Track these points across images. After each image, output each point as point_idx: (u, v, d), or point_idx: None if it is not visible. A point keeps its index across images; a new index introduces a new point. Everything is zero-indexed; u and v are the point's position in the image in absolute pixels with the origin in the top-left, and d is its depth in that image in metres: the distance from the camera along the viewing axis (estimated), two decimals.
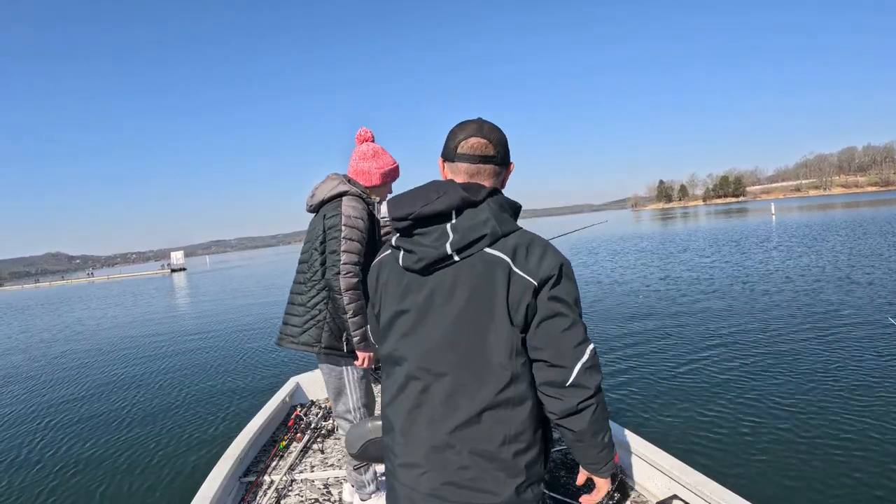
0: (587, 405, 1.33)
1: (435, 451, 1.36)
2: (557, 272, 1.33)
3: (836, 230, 26.12)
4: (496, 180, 1.49)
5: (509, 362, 1.33)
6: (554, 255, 1.36)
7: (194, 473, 5.15)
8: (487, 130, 1.46)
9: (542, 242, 1.38)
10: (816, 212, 52.46)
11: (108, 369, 11.03)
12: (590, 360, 1.33)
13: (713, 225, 45.19)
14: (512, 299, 1.31)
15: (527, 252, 1.34)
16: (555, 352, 1.32)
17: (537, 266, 1.32)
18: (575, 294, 1.37)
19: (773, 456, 4.46)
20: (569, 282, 1.36)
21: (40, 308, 34.49)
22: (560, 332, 1.32)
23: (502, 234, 1.35)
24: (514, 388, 1.34)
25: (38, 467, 5.90)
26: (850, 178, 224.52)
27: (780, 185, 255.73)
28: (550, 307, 1.32)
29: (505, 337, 1.32)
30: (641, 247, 28.68)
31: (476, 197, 1.37)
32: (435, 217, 1.37)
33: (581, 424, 1.34)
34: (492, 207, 1.37)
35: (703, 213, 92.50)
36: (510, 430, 1.34)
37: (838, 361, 6.53)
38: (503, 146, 1.49)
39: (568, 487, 3.05)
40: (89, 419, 7.50)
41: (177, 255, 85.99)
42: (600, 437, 1.38)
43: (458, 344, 1.34)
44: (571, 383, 1.31)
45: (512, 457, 1.33)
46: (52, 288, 76.07)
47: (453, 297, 1.35)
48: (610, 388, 6.36)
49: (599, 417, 1.35)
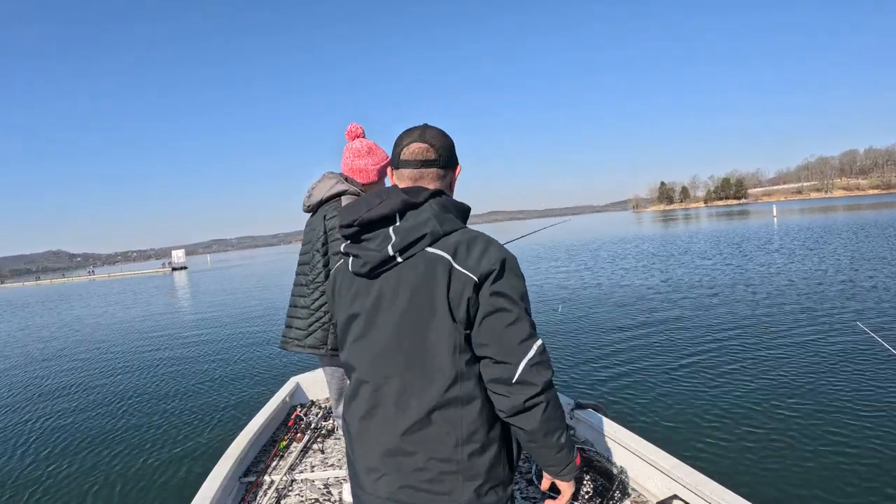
0: (535, 402, 1.30)
1: (389, 455, 1.37)
2: (499, 267, 1.33)
3: (839, 233, 26.12)
4: (441, 183, 1.51)
5: (452, 360, 1.33)
6: (496, 250, 1.36)
7: (194, 473, 5.15)
8: (429, 136, 1.49)
9: (485, 239, 1.38)
10: (818, 214, 52.45)
11: (107, 368, 11.04)
12: (536, 356, 1.32)
13: (715, 227, 45.16)
14: (453, 296, 1.32)
15: (467, 249, 1.34)
16: (499, 348, 1.31)
17: (478, 262, 1.32)
18: (520, 289, 1.36)
19: (773, 456, 4.47)
20: (512, 276, 1.35)
21: (40, 305, 34.49)
22: (504, 327, 1.31)
23: (443, 233, 1.37)
24: (461, 386, 1.33)
25: (37, 467, 5.89)
26: (851, 181, 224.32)
27: (782, 187, 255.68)
28: (492, 303, 1.31)
29: (447, 334, 1.33)
30: (642, 248, 28.67)
31: (417, 199, 1.40)
32: (379, 221, 1.40)
33: (532, 423, 1.32)
34: (433, 208, 1.39)
35: (705, 215, 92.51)
36: (461, 430, 1.34)
37: (839, 364, 6.53)
38: (446, 150, 1.51)
39: None
40: (88, 419, 7.50)
41: (178, 254, 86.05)
42: (555, 437, 1.36)
43: (403, 345, 1.36)
44: (517, 380, 1.29)
45: (467, 458, 1.33)
46: (52, 285, 76.08)
47: (397, 298, 1.37)
48: (611, 389, 6.38)
49: (552, 416, 1.33)
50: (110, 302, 30.27)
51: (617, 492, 2.93)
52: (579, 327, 10.12)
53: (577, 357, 7.96)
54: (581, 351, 8.32)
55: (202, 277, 48.13)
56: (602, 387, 6.53)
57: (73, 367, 11.61)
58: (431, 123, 1.55)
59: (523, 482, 3.11)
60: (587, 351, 8.30)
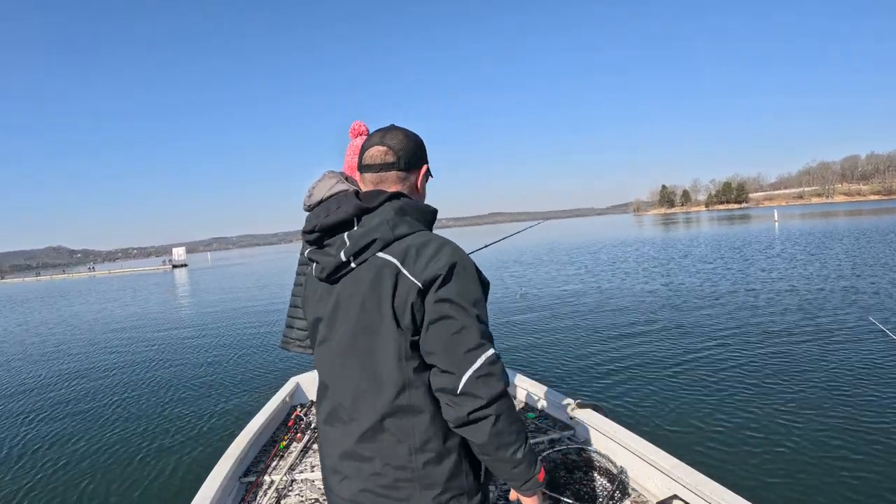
0: (480, 416, 1.26)
1: (348, 458, 1.38)
2: (446, 272, 1.28)
3: (840, 238, 26.05)
4: (403, 185, 1.49)
5: (399, 368, 1.31)
6: (448, 254, 1.31)
7: (194, 473, 5.14)
8: (389, 138, 1.48)
9: (438, 243, 1.34)
10: (820, 219, 52.29)
11: (106, 367, 11.01)
12: (484, 367, 1.27)
13: (716, 231, 45.08)
14: (398, 302, 1.30)
15: (417, 253, 1.31)
16: (444, 357, 1.28)
17: (425, 266, 1.29)
18: (471, 295, 1.31)
19: (773, 456, 4.47)
20: (462, 282, 1.30)
21: (40, 301, 34.45)
22: (448, 335, 1.27)
23: (395, 237, 1.34)
24: (409, 394, 1.32)
25: (36, 466, 5.87)
26: (852, 187, 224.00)
27: (783, 192, 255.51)
28: (437, 309, 1.28)
29: (393, 341, 1.31)
30: (643, 252, 28.64)
31: (371, 203, 1.39)
32: (338, 227, 1.40)
33: (480, 437, 1.28)
34: (386, 212, 1.37)
35: (706, 219, 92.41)
36: (414, 439, 1.32)
37: (839, 366, 6.53)
38: (406, 151, 1.48)
39: (568, 487, 3.04)
40: (87, 418, 7.47)
41: (178, 252, 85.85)
42: (509, 452, 1.31)
43: (357, 350, 1.36)
44: (461, 391, 1.26)
45: (422, 467, 1.32)
46: (53, 281, 76.04)
47: (352, 304, 1.37)
48: (611, 389, 6.38)
49: (503, 431, 1.28)
50: (110, 299, 30.22)
51: (617, 492, 2.93)
52: (580, 328, 10.11)
53: (577, 357, 7.97)
54: (581, 351, 8.33)
55: (202, 275, 48.08)
56: (602, 387, 6.53)
57: (72, 366, 11.60)
58: (398, 124, 1.53)
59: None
60: (588, 351, 8.30)
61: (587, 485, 3.04)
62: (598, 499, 2.89)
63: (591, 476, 3.13)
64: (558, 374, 7.18)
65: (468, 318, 1.28)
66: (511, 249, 36.98)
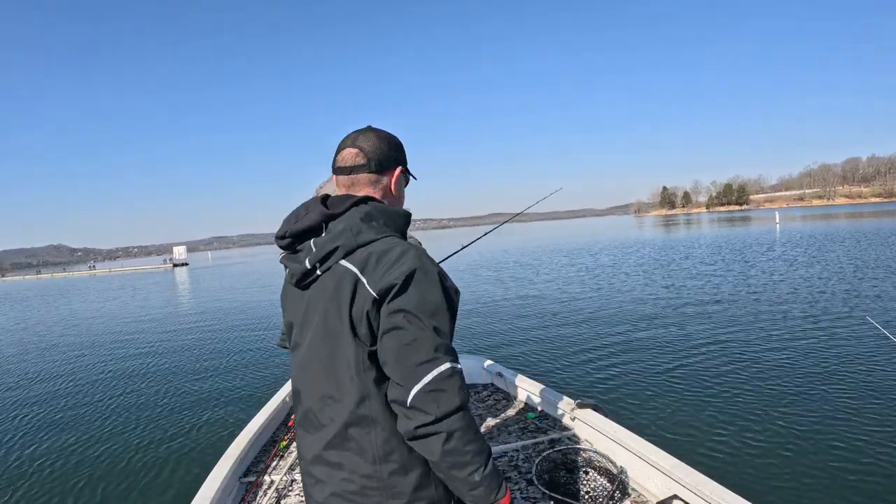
0: (429, 432, 1.21)
1: (319, 462, 1.38)
2: (402, 281, 1.24)
3: (841, 240, 25.99)
4: (374, 188, 1.46)
5: (358, 377, 1.29)
6: (408, 262, 1.26)
7: (194, 473, 5.13)
8: (361, 140, 1.46)
9: (400, 250, 1.29)
10: (820, 221, 52.29)
11: (105, 366, 11.01)
12: (434, 382, 1.21)
13: (717, 232, 45.06)
14: (355, 311, 1.27)
15: (377, 261, 1.27)
16: (395, 368, 1.24)
17: (382, 275, 1.25)
18: (428, 305, 1.25)
19: (773, 456, 4.47)
20: (419, 291, 1.25)
21: (40, 299, 34.47)
22: (400, 346, 1.23)
23: (358, 244, 1.31)
24: (369, 405, 1.30)
25: (34, 465, 5.87)
26: (853, 189, 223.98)
27: (784, 194, 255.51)
28: (391, 320, 1.24)
29: (352, 351, 1.29)
30: (643, 253, 28.63)
31: (337, 209, 1.37)
32: (307, 233, 1.38)
33: (431, 453, 1.24)
34: (352, 218, 1.35)
35: (707, 221, 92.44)
36: (377, 449, 1.30)
37: (839, 367, 6.53)
38: (377, 153, 1.45)
39: (568, 487, 3.03)
40: (87, 418, 7.46)
41: (179, 250, 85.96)
42: (465, 472, 1.25)
43: (322, 357, 1.35)
44: (410, 405, 1.21)
45: (388, 476, 1.30)
46: (53, 279, 76.08)
47: (317, 312, 1.35)
48: (611, 389, 6.39)
49: (457, 450, 1.22)
50: (110, 297, 30.21)
51: (617, 492, 2.93)
52: (580, 327, 10.12)
53: (577, 357, 7.96)
54: (582, 351, 8.32)
55: (203, 274, 48.11)
56: (602, 387, 6.53)
57: (71, 364, 11.62)
58: (375, 125, 1.51)
59: (523, 482, 3.11)
60: (588, 351, 8.30)
61: (587, 485, 3.04)
62: (598, 499, 2.89)
63: (591, 476, 3.13)
64: (558, 374, 7.18)
65: (422, 329, 1.23)
66: (514, 252, 36.92)
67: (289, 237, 1.40)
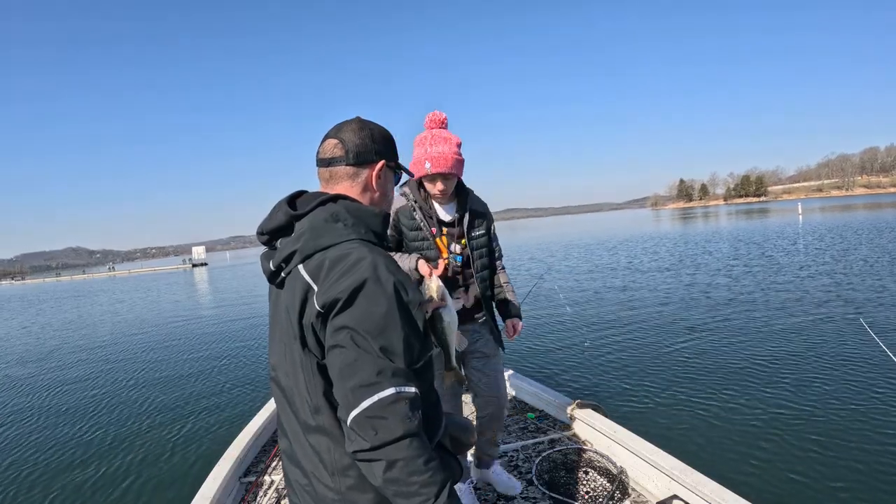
0: (367, 458, 1.11)
1: (287, 458, 1.37)
2: (347, 295, 1.14)
3: (866, 233, 24.67)
4: (352, 183, 1.38)
5: (308, 388, 1.24)
6: (360, 272, 1.16)
7: (194, 473, 5.16)
8: (344, 130, 1.38)
9: (355, 258, 1.19)
10: (843, 213, 50.95)
11: (106, 366, 11.13)
12: (374, 408, 1.10)
13: (736, 226, 44.26)
14: (305, 322, 1.21)
15: (328, 270, 1.18)
16: (338, 388, 1.16)
17: (329, 287, 1.16)
18: (373, 324, 1.14)
19: (773, 456, 4.44)
20: (365, 307, 1.15)
21: (54, 302, 34.84)
22: (342, 366, 1.14)
23: (317, 248, 1.23)
24: (321, 417, 1.24)
25: (34, 465, 5.92)
26: (872, 179, 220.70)
27: (802, 185, 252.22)
28: (334, 337, 1.16)
29: (300, 361, 1.24)
30: (658, 248, 28.31)
31: (303, 209, 1.30)
32: (278, 232, 1.33)
33: (373, 478, 1.14)
34: (315, 218, 1.27)
35: (725, 213, 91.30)
36: (334, 462, 1.24)
37: (842, 368, 6.41)
38: (357, 144, 1.36)
39: (568, 487, 3.03)
40: (87, 417, 7.53)
41: (198, 251, 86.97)
42: (411, 503, 1.12)
43: (283, 361, 1.31)
44: (350, 426, 1.12)
45: (346, 490, 1.24)
46: (73, 282, 77.02)
47: (282, 311, 1.30)
48: (611, 389, 6.36)
49: (400, 480, 1.10)
50: (133, 298, 30.46)
51: (617, 492, 2.92)
52: (581, 326, 10.04)
53: (577, 357, 7.89)
54: (582, 350, 8.26)
55: (222, 274, 48.54)
56: (602, 387, 6.49)
57: (73, 362, 11.82)
58: (367, 118, 1.43)
59: (523, 482, 3.11)
60: (588, 350, 8.24)
61: (587, 485, 3.04)
62: (598, 499, 2.88)
63: (591, 476, 3.12)
64: (558, 374, 7.13)
65: (364, 350, 1.13)
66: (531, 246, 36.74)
67: (266, 234, 1.35)
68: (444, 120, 2.53)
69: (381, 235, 1.34)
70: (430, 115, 2.52)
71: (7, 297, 50.67)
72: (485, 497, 2.97)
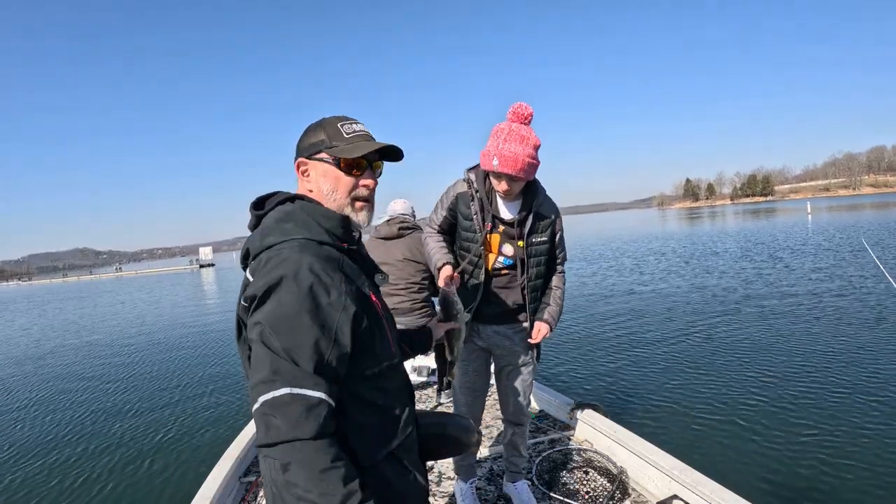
0: (263, 454, 1.10)
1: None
2: (262, 292, 1.16)
3: (877, 233, 24.16)
4: (304, 181, 1.40)
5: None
6: (280, 269, 1.16)
7: (194, 473, 5.17)
8: (307, 130, 1.41)
9: (281, 257, 1.19)
10: (852, 213, 50.39)
11: (106, 365, 11.20)
12: (265, 406, 1.08)
13: (743, 226, 43.78)
14: (239, 315, 1.28)
15: (260, 267, 1.21)
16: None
17: (253, 283, 1.19)
18: (280, 322, 1.13)
19: (773, 456, 4.44)
20: (275, 304, 1.14)
21: (59, 303, 35.04)
22: (252, 361, 1.16)
23: (263, 247, 1.25)
24: None
25: (34, 465, 5.95)
26: (879, 178, 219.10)
27: (809, 184, 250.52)
28: (250, 332, 1.18)
29: (244, 355, 1.28)
30: (662, 248, 28.21)
31: (264, 209, 1.36)
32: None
33: (265, 473, 1.15)
34: (269, 218, 1.32)
35: (732, 213, 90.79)
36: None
37: (843, 369, 6.37)
38: (298, 143, 1.39)
39: (568, 487, 3.03)
40: (87, 417, 7.56)
41: (205, 251, 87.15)
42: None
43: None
44: (254, 419, 1.13)
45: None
46: (80, 282, 77.37)
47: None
48: (611, 389, 6.36)
49: (296, 484, 1.06)
50: (142, 298, 30.57)
51: (617, 492, 2.92)
52: (581, 325, 10.03)
53: (577, 357, 7.88)
54: (582, 350, 8.25)
55: (229, 274, 48.66)
56: (602, 387, 6.48)
57: (72, 362, 11.92)
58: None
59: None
60: (588, 350, 8.23)
61: (587, 485, 3.03)
62: (598, 499, 2.88)
63: (591, 476, 3.12)
64: (558, 375, 7.11)
65: (268, 347, 1.12)
66: None
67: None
68: (528, 115, 2.24)
69: (337, 235, 1.32)
70: (514, 107, 2.25)
71: (13, 297, 50.99)
72: (485, 497, 2.97)
